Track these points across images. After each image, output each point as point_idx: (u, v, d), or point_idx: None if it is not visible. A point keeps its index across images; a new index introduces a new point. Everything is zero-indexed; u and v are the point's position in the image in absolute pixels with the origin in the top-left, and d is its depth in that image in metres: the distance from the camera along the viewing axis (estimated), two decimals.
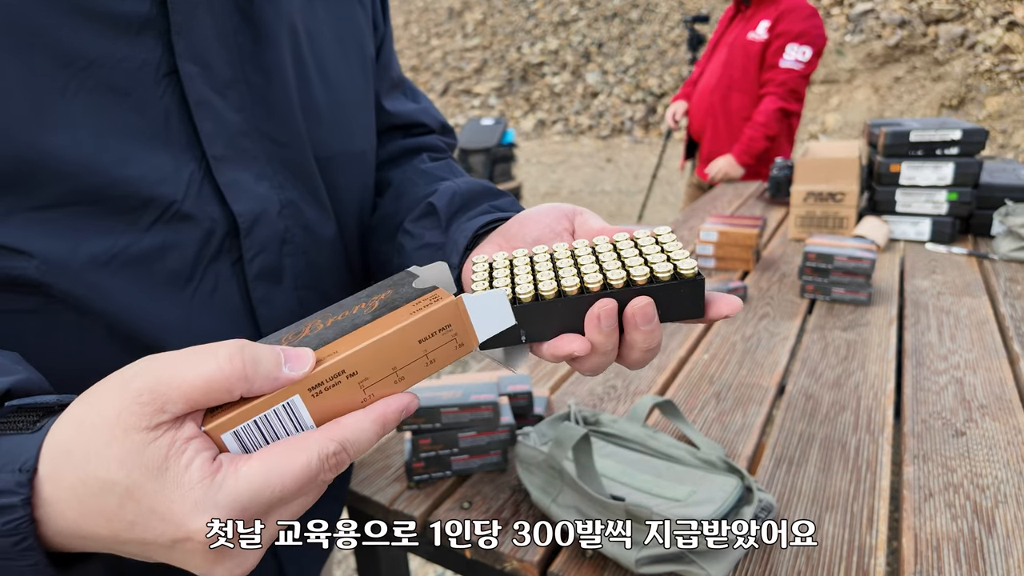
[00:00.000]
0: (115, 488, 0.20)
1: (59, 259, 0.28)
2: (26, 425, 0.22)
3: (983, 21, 5.39)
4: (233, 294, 0.35)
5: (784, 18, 1.91)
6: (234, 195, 0.34)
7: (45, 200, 0.28)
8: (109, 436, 0.20)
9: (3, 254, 0.28)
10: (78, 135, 0.29)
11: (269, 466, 0.21)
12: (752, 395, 0.75)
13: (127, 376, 0.22)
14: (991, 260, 1.19)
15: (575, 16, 8.88)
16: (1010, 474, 0.59)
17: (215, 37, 0.33)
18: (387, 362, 0.24)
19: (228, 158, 0.34)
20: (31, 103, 0.27)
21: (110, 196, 0.30)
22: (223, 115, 0.34)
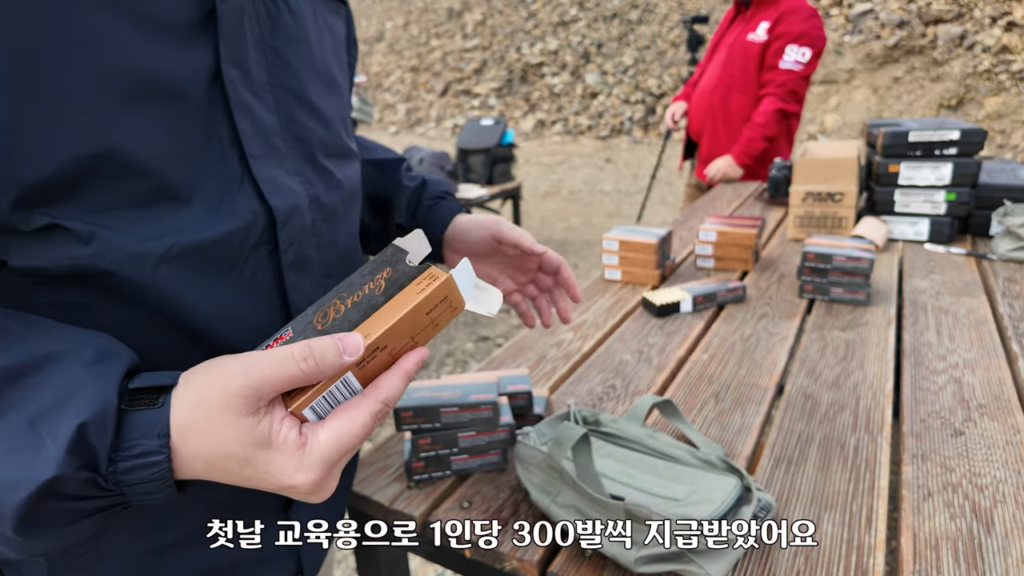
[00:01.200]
0: (236, 458, 0.28)
1: (120, 248, 0.31)
2: (150, 402, 0.29)
3: (982, 21, 5.40)
4: (269, 282, 0.38)
5: (784, 19, 1.91)
6: (271, 190, 0.37)
7: (113, 195, 0.31)
8: (224, 421, 0.28)
9: (69, 243, 0.30)
10: (143, 136, 0.31)
11: (339, 430, 0.29)
12: (751, 395, 0.75)
13: (228, 373, 0.28)
14: (989, 260, 1.20)
15: (575, 17, 8.88)
16: (1008, 473, 0.59)
17: (252, 44, 0.36)
18: (406, 333, 0.31)
19: (264, 156, 0.37)
20: (105, 108, 0.30)
21: (169, 192, 0.33)
22: (260, 116, 0.37)
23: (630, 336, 0.93)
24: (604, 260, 1.16)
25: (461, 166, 3.32)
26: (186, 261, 0.33)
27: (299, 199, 0.39)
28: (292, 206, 0.39)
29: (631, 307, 1.04)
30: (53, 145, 0.28)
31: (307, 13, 0.41)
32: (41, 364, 0.28)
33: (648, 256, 1.11)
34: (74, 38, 0.28)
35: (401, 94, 9.86)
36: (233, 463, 0.28)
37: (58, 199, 0.30)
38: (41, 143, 0.28)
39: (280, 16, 0.38)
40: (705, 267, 1.21)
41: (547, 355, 0.88)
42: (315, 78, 0.41)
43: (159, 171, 0.32)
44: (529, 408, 0.67)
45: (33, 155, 0.28)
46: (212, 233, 0.34)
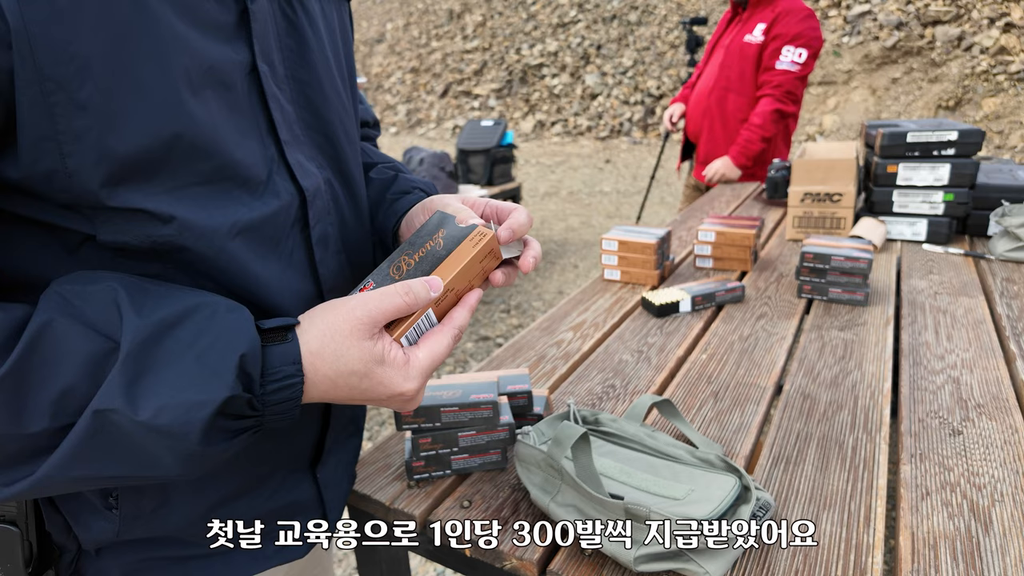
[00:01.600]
0: (357, 373, 0.36)
1: (196, 226, 0.35)
2: (281, 338, 0.36)
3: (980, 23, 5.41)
4: (303, 256, 0.43)
5: (780, 20, 1.92)
6: (301, 173, 0.41)
7: (184, 178, 0.35)
8: (350, 343, 0.36)
9: (152, 221, 0.34)
10: (207, 123, 0.35)
11: (432, 348, 0.39)
12: (750, 394, 0.75)
13: (350, 307, 0.37)
14: (987, 260, 1.20)
15: (574, 18, 8.89)
16: (1006, 473, 0.59)
17: (274, 41, 0.40)
18: (467, 278, 0.41)
19: (291, 142, 0.41)
20: (178, 97, 0.33)
21: (228, 175, 0.37)
22: (284, 106, 0.41)
23: (629, 336, 0.93)
24: (603, 260, 1.16)
25: (461, 167, 3.33)
26: (246, 237, 0.38)
27: (318, 181, 0.43)
28: (316, 187, 0.43)
29: (630, 307, 1.04)
30: (138, 125, 0.32)
31: (316, 11, 0.45)
32: (189, 314, 0.34)
33: (647, 256, 1.11)
34: (151, 34, 0.32)
35: (401, 95, 9.86)
36: (354, 378, 0.36)
37: (141, 178, 0.33)
38: (129, 123, 0.32)
39: (294, 14, 0.42)
40: (704, 267, 1.22)
41: (547, 355, 0.88)
42: (324, 70, 0.45)
43: (220, 152, 0.36)
44: (529, 408, 0.67)
45: (122, 134, 0.32)
46: (263, 211, 0.38)
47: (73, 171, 0.31)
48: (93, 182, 0.32)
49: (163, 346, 0.32)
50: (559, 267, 3.37)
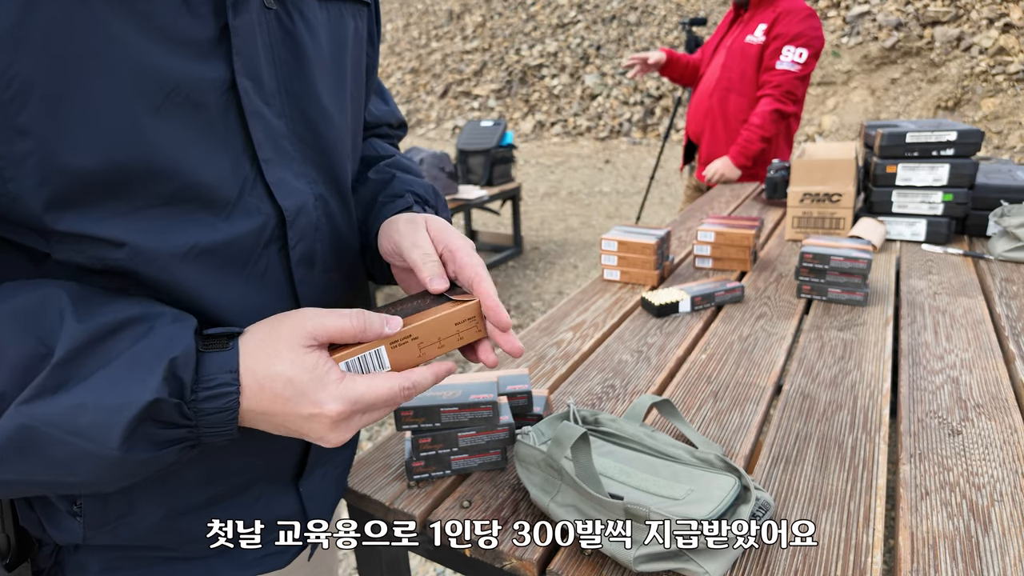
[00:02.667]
0: (283, 377, 0.34)
1: (148, 250, 0.34)
2: (221, 345, 0.35)
3: (979, 23, 5.42)
4: (279, 276, 0.41)
5: (781, 20, 1.92)
6: (281, 192, 0.40)
7: (140, 201, 0.34)
8: (283, 348, 0.34)
9: (102, 246, 0.33)
10: (168, 145, 0.33)
11: (370, 383, 0.35)
12: (749, 394, 0.76)
13: (298, 315, 0.36)
14: (987, 260, 1.20)
15: (574, 19, 8.90)
16: (1006, 473, 0.59)
17: (264, 53, 0.38)
18: (435, 333, 0.38)
19: (274, 160, 0.39)
20: (133, 119, 0.32)
21: (190, 197, 0.35)
22: (270, 122, 0.39)
23: (629, 336, 0.93)
24: (603, 260, 1.16)
25: (461, 167, 3.33)
26: (204, 260, 0.36)
27: (305, 198, 0.42)
28: (299, 205, 0.41)
29: (630, 307, 1.04)
30: (86, 149, 0.31)
31: (321, 19, 0.42)
32: (131, 322, 0.33)
33: (647, 257, 1.11)
34: (103, 50, 0.30)
35: (401, 95, 9.87)
36: (278, 384, 0.34)
37: (89, 202, 0.32)
38: (76, 147, 0.31)
39: (292, 25, 0.40)
40: (703, 267, 1.22)
41: (546, 355, 0.88)
42: (325, 82, 0.43)
43: (181, 174, 0.34)
44: (529, 408, 0.67)
45: (67, 158, 0.31)
46: (228, 234, 0.37)
47: (15, 195, 0.30)
48: (36, 206, 0.31)
49: (97, 353, 0.32)
50: (559, 267, 3.37)
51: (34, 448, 0.31)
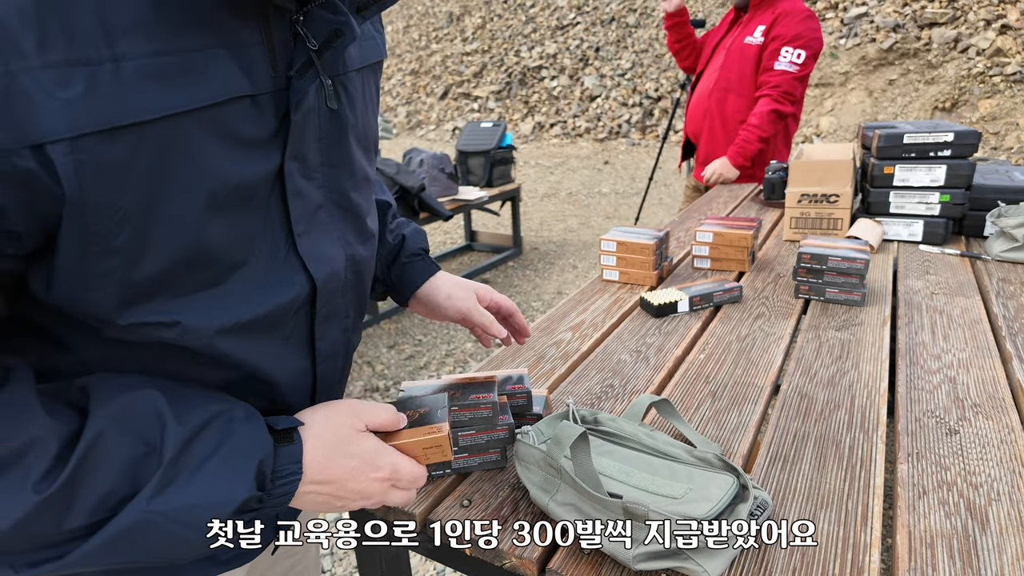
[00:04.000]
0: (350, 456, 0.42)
1: (196, 329, 0.38)
2: (289, 439, 0.41)
3: (976, 25, 5.43)
4: (303, 335, 0.45)
5: (780, 21, 1.92)
6: (313, 263, 0.43)
7: (192, 286, 0.37)
8: (343, 435, 0.43)
9: (157, 328, 0.37)
10: (220, 237, 0.37)
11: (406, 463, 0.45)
12: (747, 394, 0.76)
13: (344, 409, 0.44)
14: (983, 261, 1.20)
15: (573, 20, 8.91)
16: (1003, 472, 0.59)
17: (313, 135, 0.41)
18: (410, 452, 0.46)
19: (309, 232, 0.42)
20: (197, 222, 0.35)
21: (235, 279, 0.39)
22: (309, 196, 0.42)
23: (628, 336, 0.94)
24: (602, 261, 1.17)
25: (461, 168, 3.33)
26: (241, 330, 0.40)
27: (337, 264, 0.45)
28: (330, 273, 0.45)
29: (629, 307, 1.05)
30: (159, 254, 0.34)
31: (357, 87, 0.45)
32: (214, 419, 0.38)
33: (646, 257, 1.12)
34: (190, 170, 0.34)
35: (401, 97, 9.88)
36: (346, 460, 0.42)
37: (152, 295, 0.36)
38: (151, 254, 0.34)
39: (338, 102, 0.43)
40: (702, 268, 1.22)
41: (546, 355, 0.89)
42: (358, 145, 0.46)
43: (227, 259, 0.38)
44: (528, 407, 0.68)
45: (143, 265, 0.34)
46: (264, 308, 0.41)
47: (93, 301, 0.34)
48: (111, 307, 0.34)
49: (193, 451, 0.36)
50: (558, 268, 3.37)
51: (146, 538, 0.35)
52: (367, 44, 0.47)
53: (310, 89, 0.39)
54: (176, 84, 0.32)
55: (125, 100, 0.30)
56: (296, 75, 0.38)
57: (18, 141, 0.28)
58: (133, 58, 0.30)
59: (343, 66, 0.43)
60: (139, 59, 0.30)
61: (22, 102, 0.28)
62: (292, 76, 0.38)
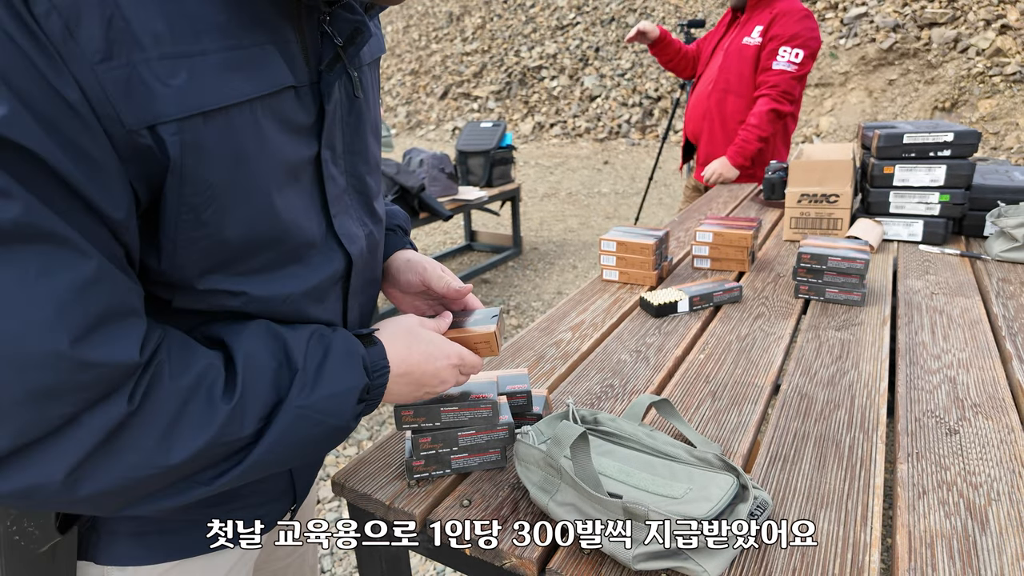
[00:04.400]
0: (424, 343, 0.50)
1: (259, 298, 0.43)
2: (372, 342, 0.48)
3: (976, 25, 5.43)
4: (338, 307, 0.51)
5: (778, 21, 1.92)
6: (348, 241, 0.49)
7: (259, 261, 0.42)
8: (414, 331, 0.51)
9: (225, 296, 0.42)
10: (284, 216, 0.42)
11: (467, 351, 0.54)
12: (747, 394, 0.76)
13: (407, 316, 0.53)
14: (983, 261, 1.21)
15: (573, 21, 8.91)
16: (1003, 472, 0.59)
17: (339, 125, 0.46)
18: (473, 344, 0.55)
19: (340, 213, 0.48)
20: (268, 200, 0.40)
21: (294, 254, 0.44)
22: (338, 181, 0.48)
23: (628, 336, 0.94)
24: (602, 261, 1.17)
25: (460, 168, 3.33)
26: (298, 302, 0.46)
27: (362, 242, 0.51)
28: (360, 250, 0.50)
29: (629, 307, 1.05)
30: (239, 229, 0.39)
31: (370, 84, 0.51)
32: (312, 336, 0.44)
33: (645, 257, 1.12)
34: (261, 151, 0.39)
35: (401, 97, 9.87)
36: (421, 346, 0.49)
37: (227, 265, 0.41)
38: (232, 228, 0.39)
39: (355, 94, 0.47)
40: (702, 268, 1.22)
41: (546, 355, 0.89)
42: (370, 135, 0.52)
43: (290, 238, 0.43)
44: (528, 407, 0.68)
45: (225, 236, 0.39)
46: (314, 281, 0.46)
47: (180, 265, 0.39)
48: (193, 273, 0.39)
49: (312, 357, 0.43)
50: (558, 268, 3.37)
51: (301, 432, 0.41)
52: (372, 41, 0.52)
53: (337, 82, 0.44)
54: (247, 74, 0.37)
55: (215, 87, 0.35)
56: (326, 69, 0.43)
57: (140, 122, 0.33)
58: (215, 52, 0.35)
59: (361, 61, 0.48)
60: (219, 53, 0.35)
61: (141, 89, 0.32)
62: (323, 70, 0.43)
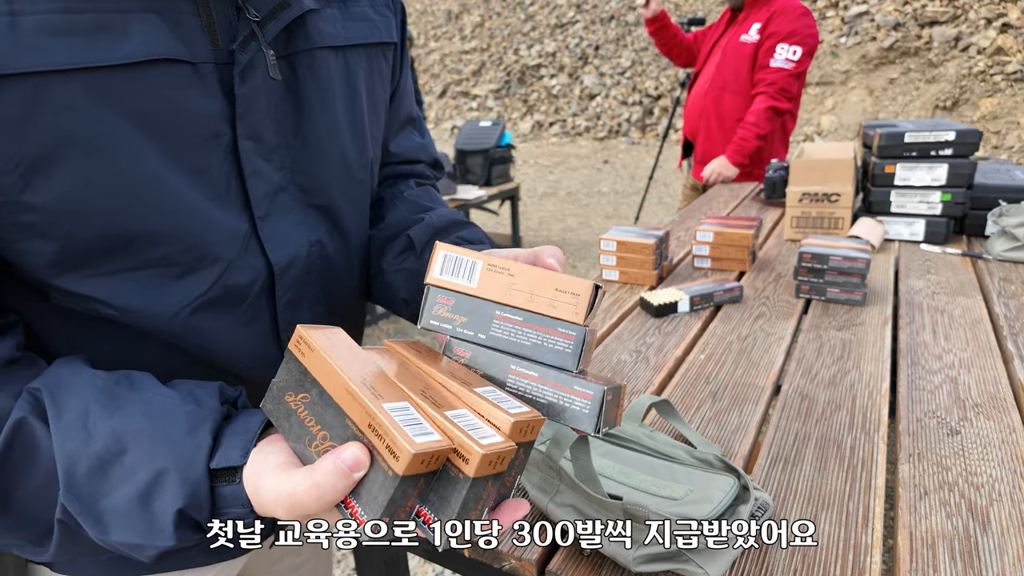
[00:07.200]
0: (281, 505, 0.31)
1: (140, 310, 0.37)
2: (229, 479, 0.33)
3: (977, 23, 5.43)
4: (266, 320, 0.43)
5: (775, 19, 1.92)
6: (272, 247, 0.42)
7: (136, 263, 0.36)
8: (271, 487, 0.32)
9: (93, 302, 0.36)
10: (172, 210, 0.36)
11: None
12: (748, 394, 0.76)
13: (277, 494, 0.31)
14: (985, 260, 1.20)
15: (572, 19, 8.90)
16: (1004, 472, 0.59)
17: (267, 112, 0.40)
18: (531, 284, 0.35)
19: (270, 215, 0.41)
20: (146, 188, 0.34)
21: (187, 259, 0.37)
22: (268, 177, 0.41)
23: (628, 336, 0.93)
24: (602, 260, 1.16)
25: (459, 167, 3.32)
26: (195, 316, 0.39)
27: (299, 248, 0.43)
28: (291, 257, 0.43)
29: (629, 307, 1.04)
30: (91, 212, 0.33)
31: (335, 69, 0.44)
32: (139, 438, 0.32)
33: (645, 257, 1.11)
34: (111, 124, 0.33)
35: None
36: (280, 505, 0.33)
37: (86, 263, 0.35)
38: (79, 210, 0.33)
39: (296, 81, 0.41)
40: (702, 267, 1.22)
41: None
42: (327, 132, 0.44)
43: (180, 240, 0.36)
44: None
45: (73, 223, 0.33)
46: (217, 292, 0.39)
47: (22, 251, 0.33)
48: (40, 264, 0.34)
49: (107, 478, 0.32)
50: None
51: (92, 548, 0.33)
52: (354, 25, 0.45)
53: (256, 62, 0.38)
54: (87, 40, 0.31)
55: (18, 51, 0.30)
56: (238, 48, 0.37)
57: None
58: (32, 13, 0.30)
59: (307, 41, 0.41)
60: (40, 14, 0.30)
61: None
62: (234, 49, 0.37)
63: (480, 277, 0.35)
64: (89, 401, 0.33)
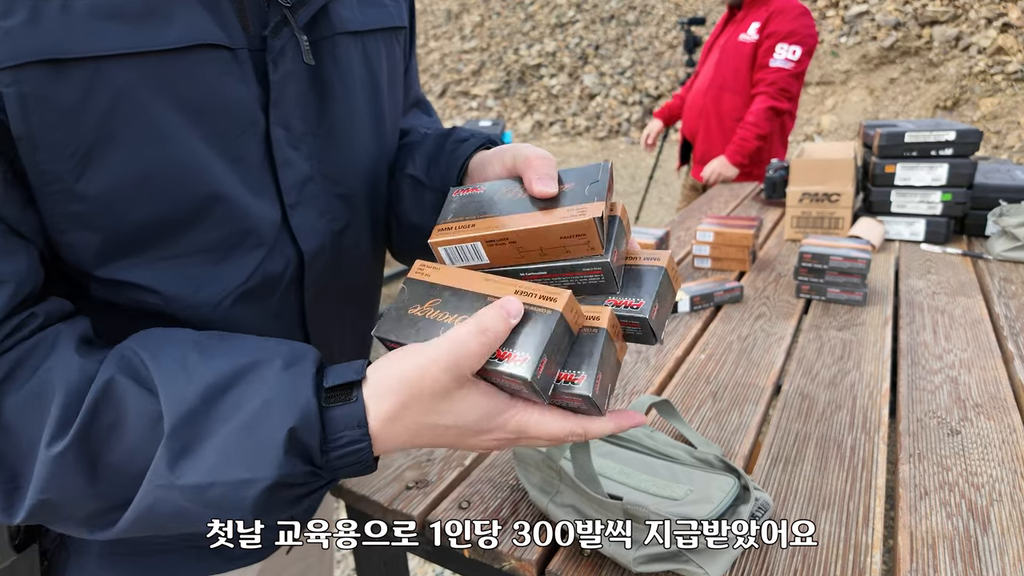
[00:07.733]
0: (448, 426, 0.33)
1: (182, 298, 0.37)
2: (344, 398, 0.32)
3: (977, 23, 5.42)
4: (293, 309, 0.43)
5: (774, 18, 1.92)
6: (303, 236, 0.41)
7: (179, 251, 0.36)
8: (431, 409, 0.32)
9: (137, 290, 0.36)
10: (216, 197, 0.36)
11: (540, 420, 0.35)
12: (748, 394, 0.76)
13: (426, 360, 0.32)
14: (985, 260, 1.20)
15: (572, 18, 8.90)
16: (1005, 472, 0.59)
17: (295, 100, 0.39)
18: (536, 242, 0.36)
19: (298, 204, 0.41)
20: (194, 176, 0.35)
21: (226, 242, 0.37)
22: (297, 166, 0.40)
23: None
24: None
25: None
26: (232, 305, 0.39)
27: (325, 238, 0.43)
28: (318, 247, 0.42)
29: None
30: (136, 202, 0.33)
31: (354, 55, 0.43)
32: (243, 374, 0.32)
33: None
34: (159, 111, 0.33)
35: None
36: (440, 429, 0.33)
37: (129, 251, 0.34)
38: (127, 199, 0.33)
39: (321, 69, 0.41)
40: (702, 267, 1.22)
41: None
42: (351, 119, 0.44)
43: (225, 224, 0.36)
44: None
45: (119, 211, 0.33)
46: (256, 280, 0.39)
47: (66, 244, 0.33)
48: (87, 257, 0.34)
49: (211, 415, 0.31)
50: None
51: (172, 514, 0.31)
52: (370, 10, 0.44)
53: (287, 49, 0.37)
54: (135, 25, 0.31)
55: (73, 35, 0.29)
56: (271, 34, 0.37)
57: None
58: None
59: (329, 28, 0.40)
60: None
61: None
62: (267, 36, 0.37)
63: (487, 253, 0.37)
64: (186, 349, 0.33)
